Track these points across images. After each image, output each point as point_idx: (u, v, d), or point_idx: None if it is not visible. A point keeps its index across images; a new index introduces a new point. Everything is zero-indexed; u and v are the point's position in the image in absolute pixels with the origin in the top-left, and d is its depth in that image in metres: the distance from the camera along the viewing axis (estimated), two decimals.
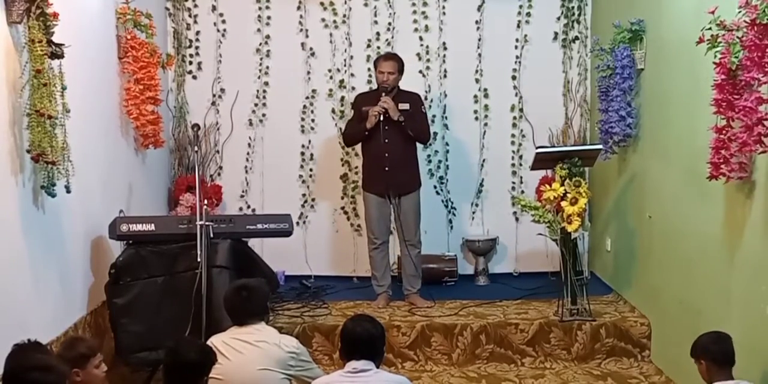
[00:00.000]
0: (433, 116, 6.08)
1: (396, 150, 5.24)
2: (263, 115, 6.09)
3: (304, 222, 6.10)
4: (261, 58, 6.05)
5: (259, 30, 6.04)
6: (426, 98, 6.04)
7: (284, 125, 6.08)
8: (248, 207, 6.13)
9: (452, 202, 6.17)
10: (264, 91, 6.07)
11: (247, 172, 6.11)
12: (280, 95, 6.07)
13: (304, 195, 6.14)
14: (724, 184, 3.59)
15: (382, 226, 5.43)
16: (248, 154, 6.10)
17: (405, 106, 5.30)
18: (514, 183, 6.14)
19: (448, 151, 6.13)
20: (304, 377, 3.47)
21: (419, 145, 5.63)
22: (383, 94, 5.24)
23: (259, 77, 6.06)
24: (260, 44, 6.04)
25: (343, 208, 6.15)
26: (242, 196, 6.12)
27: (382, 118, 5.16)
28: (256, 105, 6.08)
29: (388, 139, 5.22)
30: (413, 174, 5.44)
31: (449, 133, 6.11)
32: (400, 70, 5.32)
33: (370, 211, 5.41)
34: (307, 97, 6.07)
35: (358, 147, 5.67)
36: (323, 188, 6.13)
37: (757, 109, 3.13)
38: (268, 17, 6.03)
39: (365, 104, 5.32)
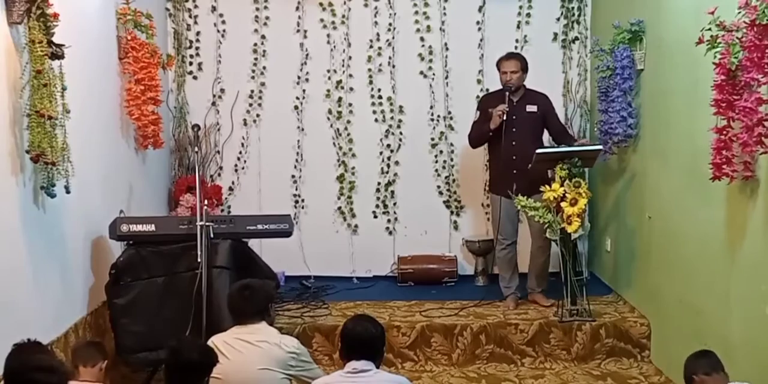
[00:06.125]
0: (437, 117, 6.10)
1: (524, 152, 5.03)
2: (257, 115, 6.09)
3: (297, 223, 6.09)
4: (260, 59, 6.06)
5: (256, 30, 6.03)
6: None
7: (281, 125, 6.07)
8: (228, 208, 6.11)
9: (459, 202, 6.17)
10: (260, 92, 6.07)
11: (236, 171, 6.12)
12: (280, 95, 6.06)
13: (296, 195, 6.15)
14: (728, 184, 3.58)
15: (510, 228, 5.39)
16: (240, 153, 6.11)
17: (533, 107, 5.26)
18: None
19: (452, 152, 6.13)
20: (305, 377, 3.47)
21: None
22: (507, 93, 5.17)
23: (253, 77, 6.05)
24: (260, 44, 6.05)
25: (339, 208, 6.15)
26: (229, 195, 6.13)
27: (505, 118, 5.08)
28: (251, 105, 6.07)
29: (516, 141, 5.14)
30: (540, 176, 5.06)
31: (453, 133, 6.10)
32: (524, 68, 5.24)
33: (497, 213, 5.35)
34: (298, 98, 6.06)
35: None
36: (319, 189, 6.13)
37: (757, 109, 3.14)
38: (266, 17, 6.02)
39: (490, 105, 5.25)
